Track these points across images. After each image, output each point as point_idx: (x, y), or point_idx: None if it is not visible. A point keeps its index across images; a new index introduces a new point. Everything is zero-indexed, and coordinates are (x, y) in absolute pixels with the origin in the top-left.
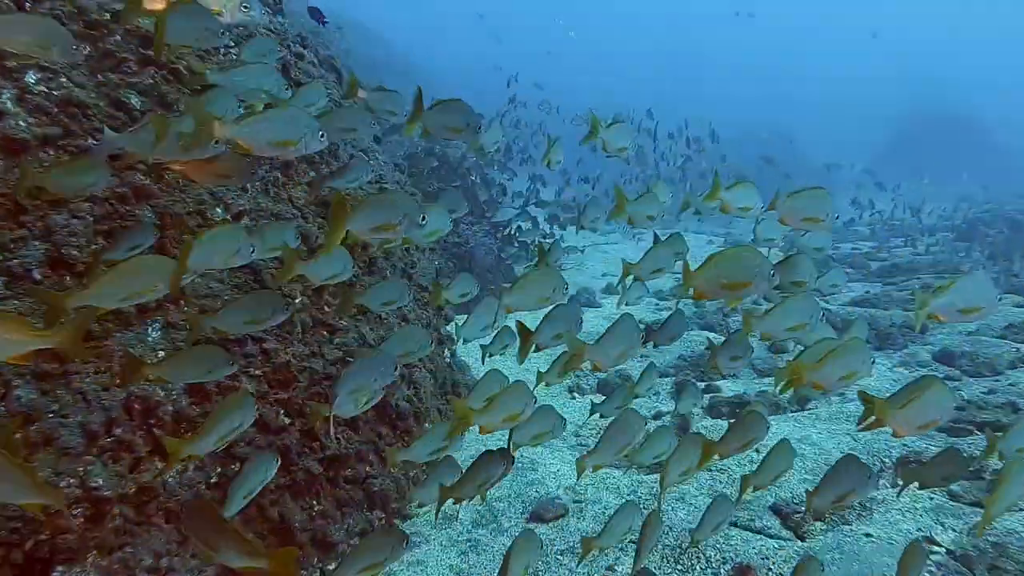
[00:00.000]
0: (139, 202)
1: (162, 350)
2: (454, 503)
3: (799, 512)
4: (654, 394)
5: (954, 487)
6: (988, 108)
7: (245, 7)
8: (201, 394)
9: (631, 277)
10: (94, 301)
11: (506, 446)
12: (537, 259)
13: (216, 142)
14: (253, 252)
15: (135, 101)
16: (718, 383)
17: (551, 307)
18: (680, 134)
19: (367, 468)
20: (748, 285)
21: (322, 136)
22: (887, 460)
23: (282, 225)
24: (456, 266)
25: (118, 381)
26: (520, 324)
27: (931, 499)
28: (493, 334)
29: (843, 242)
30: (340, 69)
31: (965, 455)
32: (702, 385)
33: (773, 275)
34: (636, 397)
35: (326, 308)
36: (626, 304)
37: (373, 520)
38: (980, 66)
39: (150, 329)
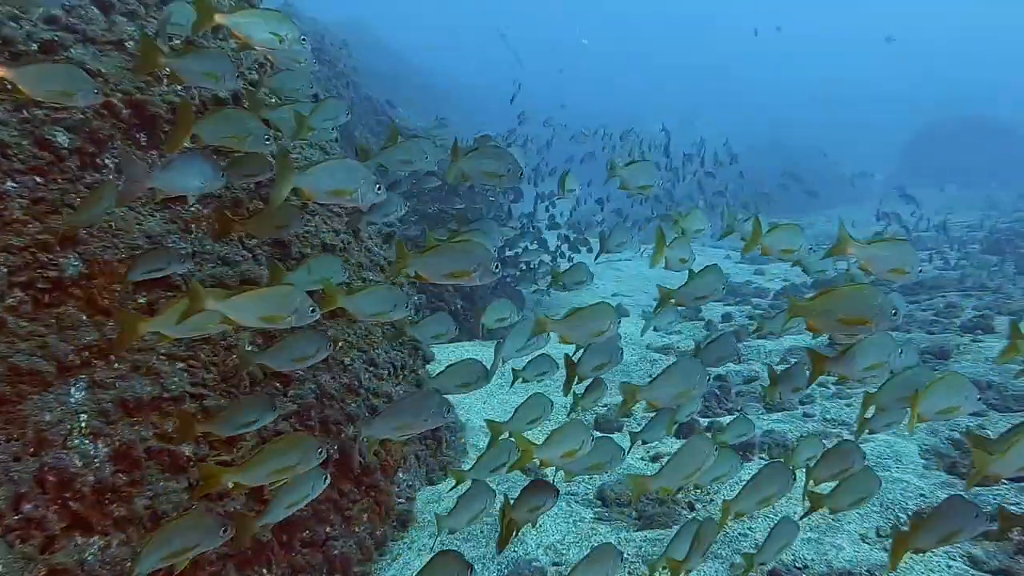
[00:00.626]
0: (64, 249)
1: (85, 412)
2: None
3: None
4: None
5: (976, 551)
6: (1018, 110)
7: (379, 190)
8: (128, 461)
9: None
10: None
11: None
12: (552, 281)
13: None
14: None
15: (62, 139)
16: (721, 420)
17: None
18: (698, 153)
19: (327, 529)
20: (868, 323)
21: (378, 188)
22: (902, 516)
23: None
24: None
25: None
26: (567, 357)
27: (949, 567)
28: (528, 359)
29: None
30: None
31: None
32: (705, 422)
33: (895, 314)
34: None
35: None
36: (653, 330)
37: None
38: (1006, 66)
39: (73, 389)
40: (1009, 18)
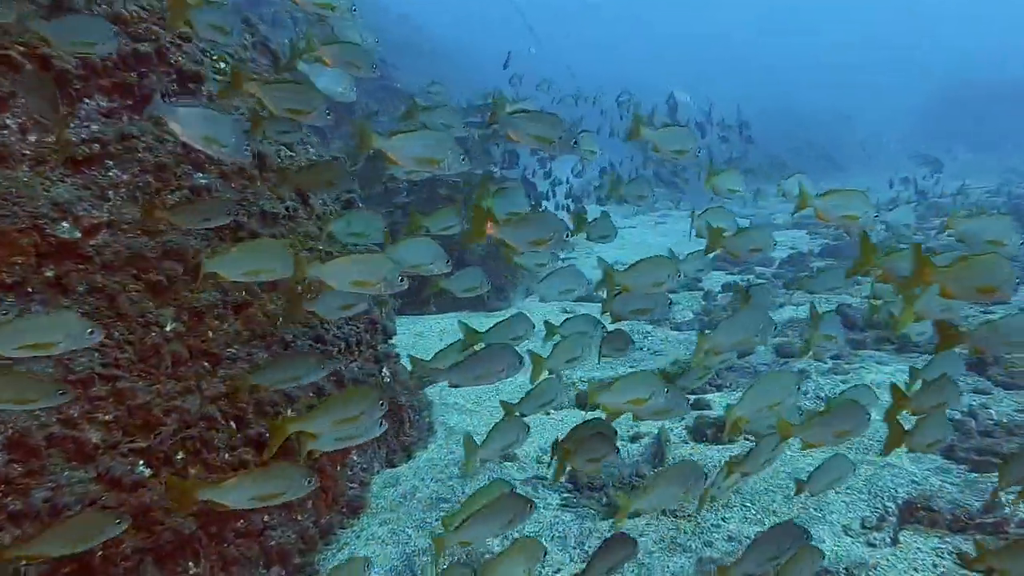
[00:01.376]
0: None
1: None
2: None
3: None
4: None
5: (968, 547)
6: None
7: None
8: (24, 450)
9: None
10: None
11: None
12: (575, 228)
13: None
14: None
15: None
16: (708, 398)
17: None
18: (708, 119)
19: (264, 518)
20: (996, 291)
21: (463, 158)
22: (891, 505)
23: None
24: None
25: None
26: (608, 272)
27: (935, 567)
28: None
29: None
30: (276, 52)
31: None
32: (692, 398)
33: (1020, 283)
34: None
35: (210, 334)
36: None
37: None
38: (1018, 29)
39: None
40: None
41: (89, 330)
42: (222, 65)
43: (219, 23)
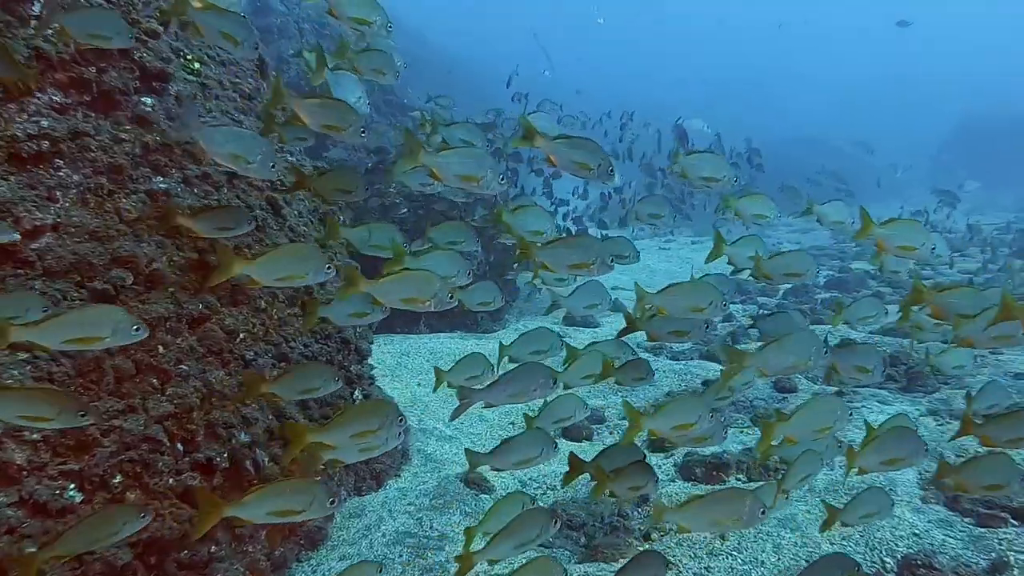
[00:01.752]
0: None
1: None
2: None
3: None
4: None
5: None
6: None
7: (503, 180)
8: None
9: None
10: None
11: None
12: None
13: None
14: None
15: None
16: None
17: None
18: (720, 147)
19: (211, 548)
20: None
21: (502, 179)
22: (889, 561)
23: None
24: None
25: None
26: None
27: None
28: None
29: None
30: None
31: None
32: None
33: None
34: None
35: (160, 349)
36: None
37: None
38: None
39: None
40: None
41: (136, 327)
42: (197, 66)
43: (230, 31)
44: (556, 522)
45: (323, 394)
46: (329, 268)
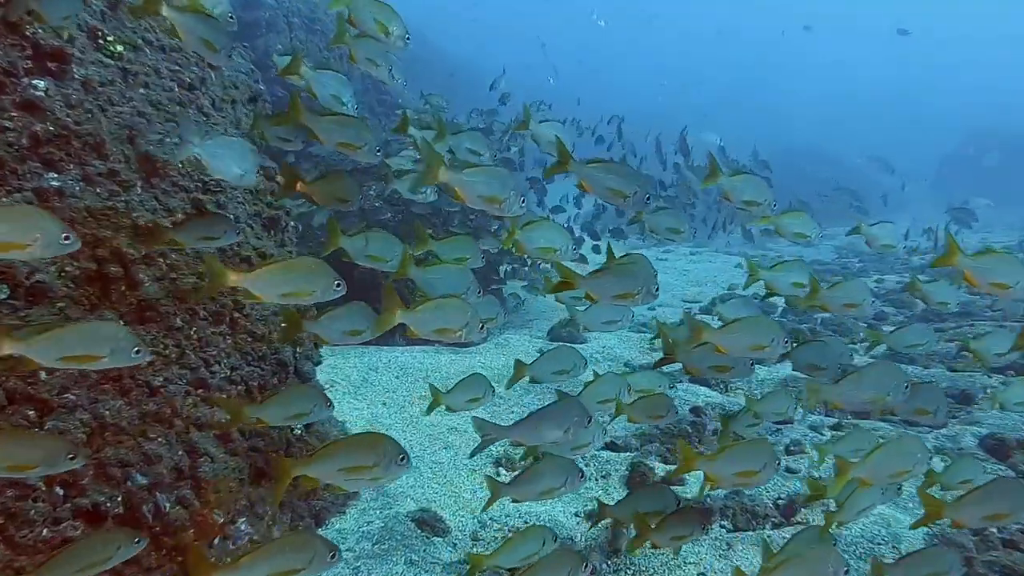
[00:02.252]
0: None
1: None
2: None
3: None
4: (602, 476)
5: None
6: None
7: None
8: None
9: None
10: None
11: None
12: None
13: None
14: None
15: None
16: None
17: None
18: (725, 159)
19: None
20: None
21: (523, 201)
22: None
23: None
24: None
25: None
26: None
27: None
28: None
29: (890, 273)
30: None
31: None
32: (661, 470)
33: None
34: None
35: (42, 376)
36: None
37: None
38: None
39: None
40: None
41: (136, 348)
42: (119, 48)
43: (209, 38)
44: (586, 566)
45: (315, 419)
46: (339, 286)
